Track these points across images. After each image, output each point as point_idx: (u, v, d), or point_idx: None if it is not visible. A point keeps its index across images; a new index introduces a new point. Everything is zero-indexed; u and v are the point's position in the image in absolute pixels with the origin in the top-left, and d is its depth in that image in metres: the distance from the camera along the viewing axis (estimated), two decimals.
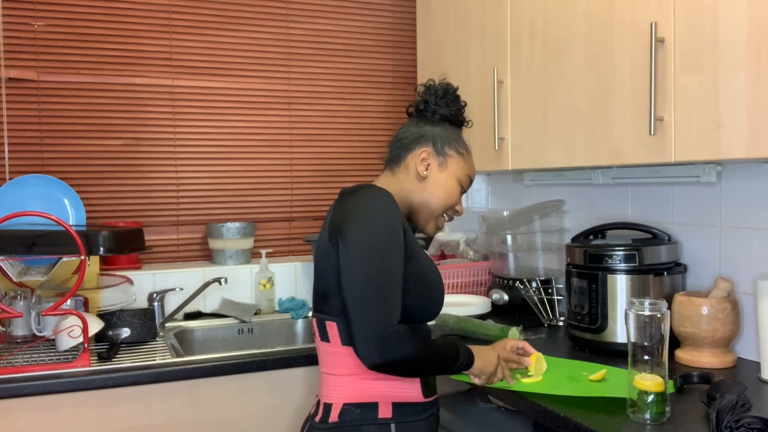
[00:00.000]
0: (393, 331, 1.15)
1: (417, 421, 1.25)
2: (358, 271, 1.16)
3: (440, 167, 1.36)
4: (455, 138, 1.39)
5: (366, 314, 1.14)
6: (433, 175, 1.35)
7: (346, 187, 1.32)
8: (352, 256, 1.17)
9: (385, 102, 2.72)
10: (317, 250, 1.28)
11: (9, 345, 1.85)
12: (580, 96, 1.65)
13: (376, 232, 1.18)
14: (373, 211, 1.20)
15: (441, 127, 1.38)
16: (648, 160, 1.45)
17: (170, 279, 2.25)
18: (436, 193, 1.35)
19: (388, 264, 1.17)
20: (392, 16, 2.72)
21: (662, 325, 1.18)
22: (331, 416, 1.23)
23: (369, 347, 1.14)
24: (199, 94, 2.44)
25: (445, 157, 1.36)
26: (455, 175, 1.36)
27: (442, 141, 1.36)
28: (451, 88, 1.41)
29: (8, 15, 2.20)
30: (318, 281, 1.28)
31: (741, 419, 1.08)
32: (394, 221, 1.21)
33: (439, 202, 1.35)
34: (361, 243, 1.17)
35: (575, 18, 1.66)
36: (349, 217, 1.20)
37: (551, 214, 2.19)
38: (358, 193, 1.24)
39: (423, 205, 1.35)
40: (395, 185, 1.36)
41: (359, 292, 1.15)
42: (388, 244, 1.18)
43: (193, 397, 1.71)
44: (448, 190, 1.36)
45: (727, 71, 1.26)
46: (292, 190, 2.60)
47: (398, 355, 1.15)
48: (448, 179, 1.36)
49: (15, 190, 2.03)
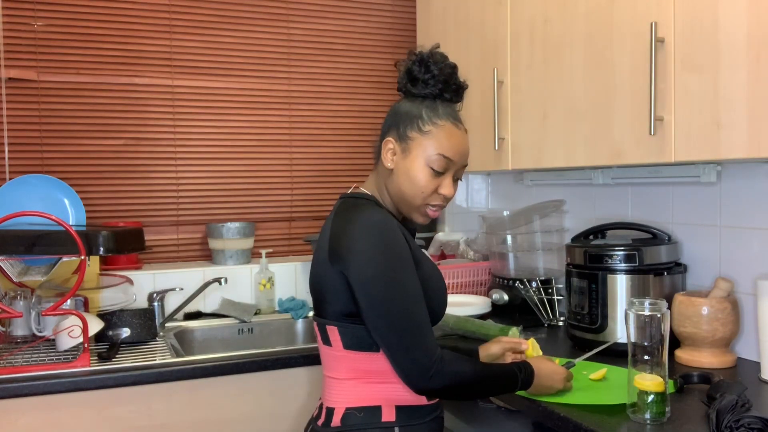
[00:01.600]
0: (436, 359, 1.14)
1: (421, 425, 1.22)
2: (384, 314, 1.13)
3: (404, 154, 1.23)
4: (421, 114, 1.22)
5: (404, 352, 1.13)
6: (397, 164, 1.23)
7: (345, 198, 1.28)
8: (373, 298, 1.13)
9: (385, 102, 2.72)
10: (315, 255, 1.25)
11: (9, 345, 1.85)
12: (580, 96, 1.65)
13: (386, 263, 1.14)
14: (378, 241, 1.14)
15: (410, 103, 1.24)
16: (648, 160, 1.45)
17: (170, 279, 2.25)
18: (403, 182, 1.22)
19: (409, 290, 1.15)
20: (392, 16, 2.72)
21: (662, 325, 1.18)
22: (334, 420, 1.22)
23: (416, 379, 1.14)
24: (199, 94, 2.44)
25: (406, 141, 1.22)
26: (420, 158, 1.21)
27: (404, 123, 1.23)
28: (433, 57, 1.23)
29: (8, 15, 2.20)
30: (317, 290, 1.25)
31: (741, 419, 1.08)
32: (398, 241, 1.16)
33: (409, 192, 1.22)
34: (375, 281, 1.13)
35: (575, 18, 1.66)
36: (354, 252, 1.15)
37: (551, 214, 2.19)
38: (356, 222, 1.17)
39: (399, 198, 1.25)
40: (376, 182, 1.30)
41: (392, 336, 1.13)
42: (401, 271, 1.15)
43: (193, 397, 1.71)
44: (413, 176, 1.21)
45: (727, 71, 1.26)
46: (292, 190, 2.60)
47: (446, 381, 1.14)
48: (411, 165, 1.21)
49: (15, 190, 2.03)
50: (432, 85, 1.23)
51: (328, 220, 1.26)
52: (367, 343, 1.19)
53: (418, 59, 1.24)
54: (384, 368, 1.20)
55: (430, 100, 1.24)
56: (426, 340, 1.14)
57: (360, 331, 1.19)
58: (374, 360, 1.20)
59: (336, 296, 1.19)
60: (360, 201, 1.25)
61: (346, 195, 1.30)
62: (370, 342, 1.19)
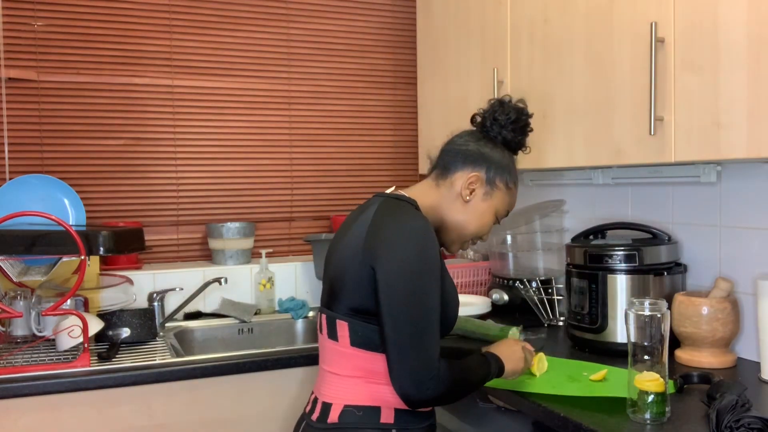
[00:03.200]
0: (434, 372, 1.14)
1: (417, 429, 1.23)
2: (403, 314, 1.14)
3: (485, 196, 1.31)
4: (510, 170, 1.34)
5: (409, 357, 1.14)
6: (475, 203, 1.31)
7: (384, 194, 1.29)
8: (396, 297, 1.14)
9: (385, 102, 2.72)
10: (341, 254, 1.24)
11: (9, 345, 1.85)
12: (580, 96, 1.65)
13: (418, 269, 1.15)
14: (417, 247, 1.16)
15: (500, 153, 1.33)
16: (648, 160, 1.45)
17: (170, 279, 2.25)
18: (472, 221, 1.31)
19: (431, 301, 1.16)
20: (392, 16, 2.72)
21: (662, 325, 1.18)
22: (330, 416, 1.22)
23: (409, 387, 1.14)
24: (199, 94, 2.44)
25: (492, 187, 1.31)
26: (495, 208, 1.33)
27: (496, 170, 1.31)
28: (524, 114, 1.35)
29: (8, 15, 2.20)
30: (336, 283, 1.24)
31: (741, 419, 1.08)
32: (433, 253, 1.18)
33: (472, 230, 1.32)
34: (404, 283, 1.14)
35: (575, 18, 1.66)
36: (391, 250, 1.16)
37: (551, 214, 2.19)
38: (401, 224, 1.19)
39: (455, 228, 1.32)
40: (435, 197, 1.32)
41: (404, 337, 1.14)
42: (429, 281, 1.16)
43: (193, 397, 1.71)
44: (485, 221, 1.32)
45: (727, 71, 1.26)
46: (292, 190, 2.60)
47: (438, 392, 1.15)
48: (487, 210, 1.32)
49: (15, 190, 2.03)
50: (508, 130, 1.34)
51: (362, 216, 1.26)
52: (374, 343, 1.20)
53: (498, 103, 1.35)
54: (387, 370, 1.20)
55: (509, 153, 1.35)
56: (430, 353, 1.14)
57: (370, 330, 1.20)
58: (379, 361, 1.20)
59: (356, 290, 1.19)
60: (404, 204, 1.26)
61: (386, 194, 1.30)
62: (377, 342, 1.19)
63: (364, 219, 1.24)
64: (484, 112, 1.36)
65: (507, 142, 1.35)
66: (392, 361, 1.15)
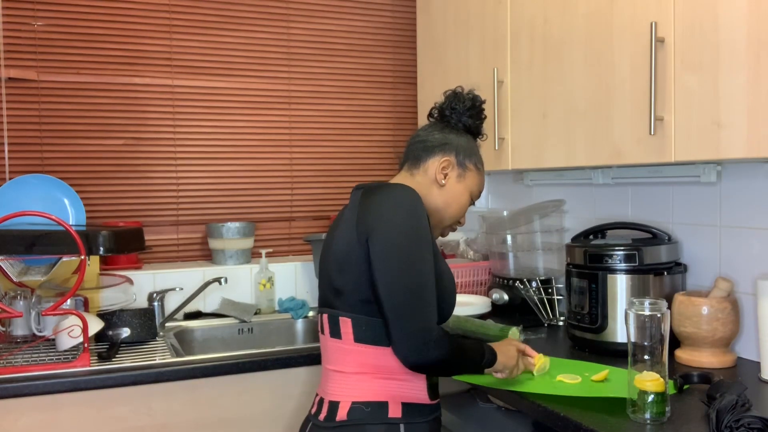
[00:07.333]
0: (434, 334, 1.17)
1: (424, 423, 1.25)
2: (398, 276, 1.17)
3: (458, 178, 1.37)
4: (476, 151, 1.40)
5: (408, 318, 1.16)
6: (450, 185, 1.36)
7: (365, 184, 1.31)
8: (390, 260, 1.17)
9: (385, 102, 2.72)
10: (336, 246, 1.27)
11: (9, 345, 1.85)
12: (580, 96, 1.65)
13: (411, 233, 1.19)
14: (407, 213, 1.20)
15: (465, 138, 1.39)
16: (648, 160, 1.45)
17: (170, 279, 2.25)
18: (450, 203, 1.36)
19: (425, 266, 1.19)
20: (392, 16, 2.72)
21: (662, 325, 1.18)
22: (339, 415, 1.23)
23: (411, 349, 1.16)
24: (199, 94, 2.44)
25: (464, 169, 1.37)
26: (469, 189, 1.38)
27: (464, 153, 1.37)
28: (478, 101, 1.42)
29: (8, 15, 2.20)
30: (335, 277, 1.26)
31: (741, 419, 1.08)
32: (424, 221, 1.22)
33: (450, 213, 1.37)
34: (398, 246, 1.18)
35: (575, 18, 1.66)
36: (382, 219, 1.20)
37: (551, 214, 2.19)
38: (389, 193, 1.23)
39: (434, 212, 1.35)
40: (412, 186, 1.33)
41: (401, 298, 1.16)
42: (422, 246, 1.19)
43: (193, 397, 1.71)
44: (461, 202, 1.37)
45: (727, 71, 1.26)
46: (292, 190, 2.60)
47: (438, 356, 1.17)
48: (463, 191, 1.37)
49: (15, 190, 2.03)
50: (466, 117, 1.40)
51: (348, 208, 1.29)
52: (378, 337, 1.21)
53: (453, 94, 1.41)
54: (392, 364, 1.22)
55: (471, 137, 1.42)
56: (427, 317, 1.17)
57: (373, 324, 1.21)
58: (384, 355, 1.22)
59: (358, 279, 1.21)
60: (386, 183, 1.29)
61: (366, 184, 1.32)
62: (381, 336, 1.21)
63: (351, 207, 1.28)
64: (441, 104, 1.42)
65: (467, 127, 1.41)
66: (391, 326, 1.17)
